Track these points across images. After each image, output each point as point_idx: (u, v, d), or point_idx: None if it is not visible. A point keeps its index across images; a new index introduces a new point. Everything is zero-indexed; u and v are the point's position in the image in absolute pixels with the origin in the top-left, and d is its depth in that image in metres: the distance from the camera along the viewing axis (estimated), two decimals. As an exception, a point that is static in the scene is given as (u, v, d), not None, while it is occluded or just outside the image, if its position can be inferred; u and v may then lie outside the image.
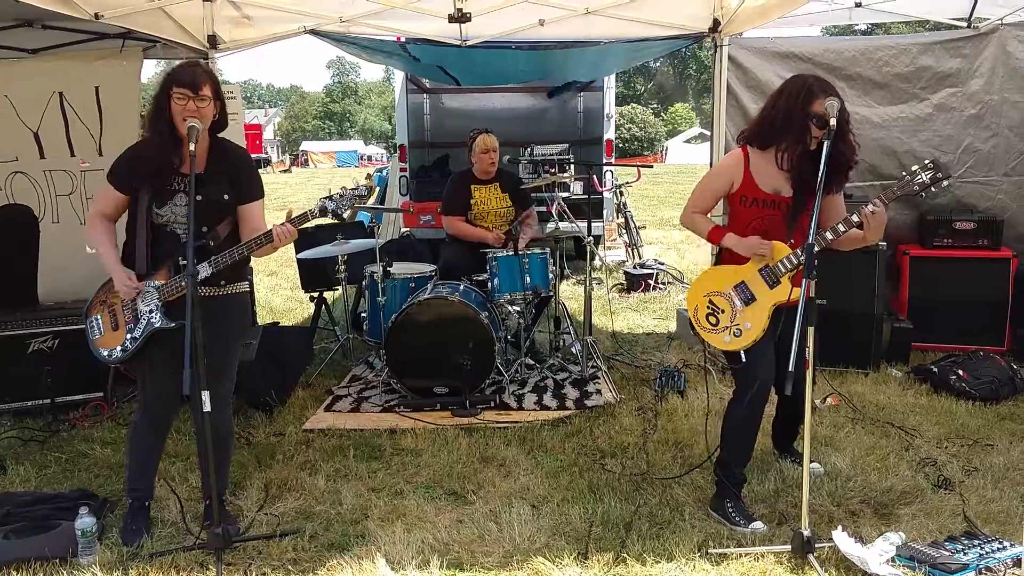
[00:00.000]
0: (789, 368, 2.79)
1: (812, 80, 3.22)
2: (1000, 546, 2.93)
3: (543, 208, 6.87)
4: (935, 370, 4.93)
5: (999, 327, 5.48)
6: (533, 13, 5.44)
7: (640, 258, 9.76)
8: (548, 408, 4.74)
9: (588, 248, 5.41)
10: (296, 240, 3.74)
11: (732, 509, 3.30)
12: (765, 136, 3.31)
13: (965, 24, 5.67)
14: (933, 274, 5.59)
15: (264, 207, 3.35)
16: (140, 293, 3.12)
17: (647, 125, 55.69)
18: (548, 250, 5.37)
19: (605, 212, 9.52)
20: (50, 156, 5.37)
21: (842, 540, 2.91)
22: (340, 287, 5.84)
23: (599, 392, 4.99)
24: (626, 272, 8.82)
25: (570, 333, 5.87)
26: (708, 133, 7.03)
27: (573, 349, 5.71)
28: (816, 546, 2.93)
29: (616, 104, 10.59)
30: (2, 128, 5.24)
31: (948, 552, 2.88)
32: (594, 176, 7.95)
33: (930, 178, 2.97)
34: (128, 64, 5.40)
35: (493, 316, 5.05)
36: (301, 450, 4.15)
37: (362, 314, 5.61)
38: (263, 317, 7.16)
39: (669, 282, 8.63)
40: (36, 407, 4.65)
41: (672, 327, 6.67)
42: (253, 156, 4.35)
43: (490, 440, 4.22)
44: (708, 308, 3.37)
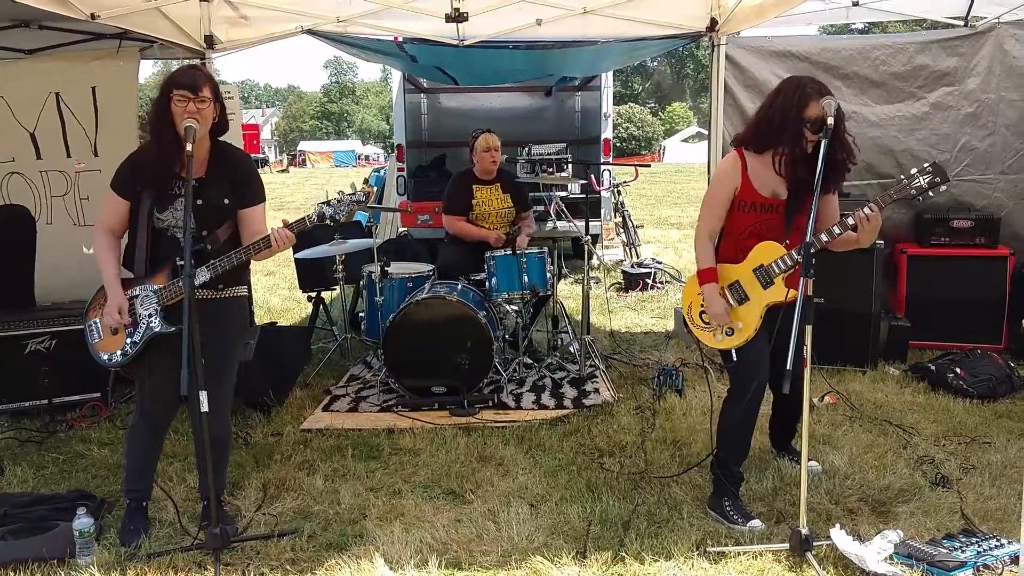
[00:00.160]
0: (787, 366, 2.79)
1: (807, 82, 3.19)
2: (998, 543, 2.93)
3: (541, 207, 6.87)
4: (933, 368, 4.94)
5: (996, 325, 5.50)
6: (530, 12, 5.43)
7: (638, 257, 9.77)
8: (546, 407, 4.74)
9: (586, 247, 5.41)
10: (294, 242, 3.74)
11: (730, 507, 3.30)
12: (762, 139, 3.28)
13: (962, 23, 5.68)
14: (930, 272, 5.60)
15: (265, 211, 3.34)
16: (137, 298, 3.12)
17: (645, 124, 55.66)
18: (546, 249, 5.37)
19: (603, 211, 9.53)
20: (46, 157, 5.37)
21: (840, 538, 2.92)
22: (338, 287, 5.84)
23: (597, 391, 4.99)
24: (624, 271, 8.83)
25: (568, 332, 5.87)
26: (706, 132, 7.03)
27: (571, 348, 5.71)
28: (814, 544, 2.93)
29: (614, 103, 10.60)
30: (-1, 129, 5.24)
31: (946, 550, 2.88)
32: (592, 175, 7.95)
33: (928, 182, 2.96)
34: (125, 64, 5.39)
35: (491, 315, 5.05)
36: (299, 450, 4.15)
37: (360, 314, 5.60)
38: (261, 317, 7.15)
39: (667, 281, 8.63)
40: (33, 408, 4.65)
41: (670, 326, 6.68)
42: (251, 156, 4.34)
43: (488, 439, 4.22)
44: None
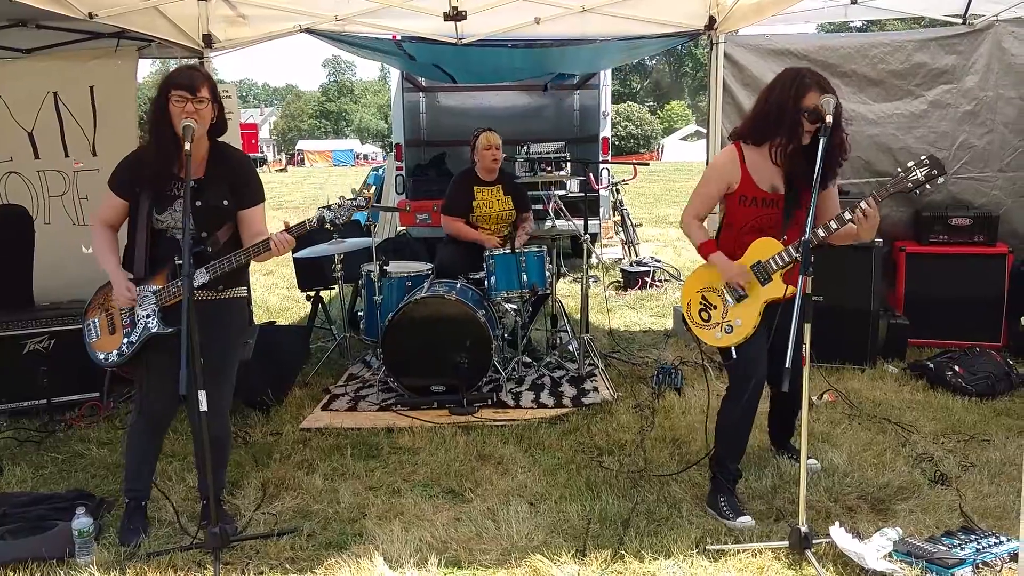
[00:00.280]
0: (786, 364, 2.79)
1: (805, 72, 3.19)
2: (997, 541, 2.93)
3: (539, 206, 6.87)
4: (931, 366, 4.94)
5: (995, 323, 5.50)
6: (529, 11, 5.43)
7: (636, 255, 9.77)
8: (545, 406, 4.74)
9: (585, 246, 5.41)
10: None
11: (724, 503, 3.31)
12: (760, 131, 3.28)
13: (960, 21, 5.68)
14: (929, 270, 5.61)
15: (265, 211, 3.34)
16: (138, 297, 3.12)
17: (643, 123, 55.61)
18: (545, 248, 5.37)
19: (601, 210, 9.53)
20: (44, 156, 5.36)
21: (839, 536, 2.92)
22: (337, 286, 5.84)
23: (596, 390, 4.99)
24: (623, 270, 8.83)
25: (567, 331, 5.87)
26: (704, 131, 7.04)
27: (570, 347, 5.71)
28: (813, 542, 2.93)
29: (612, 102, 10.59)
30: (-3, 129, 5.24)
31: (945, 547, 2.89)
32: (590, 174, 7.95)
33: (925, 175, 2.97)
34: (123, 64, 5.39)
35: (490, 314, 5.05)
36: (298, 449, 4.14)
37: (359, 313, 5.60)
38: (259, 316, 7.14)
39: (665, 279, 8.64)
40: (32, 407, 4.64)
41: (669, 324, 6.68)
42: (249, 155, 4.34)
43: (487, 438, 4.22)
44: (701, 304, 3.38)
